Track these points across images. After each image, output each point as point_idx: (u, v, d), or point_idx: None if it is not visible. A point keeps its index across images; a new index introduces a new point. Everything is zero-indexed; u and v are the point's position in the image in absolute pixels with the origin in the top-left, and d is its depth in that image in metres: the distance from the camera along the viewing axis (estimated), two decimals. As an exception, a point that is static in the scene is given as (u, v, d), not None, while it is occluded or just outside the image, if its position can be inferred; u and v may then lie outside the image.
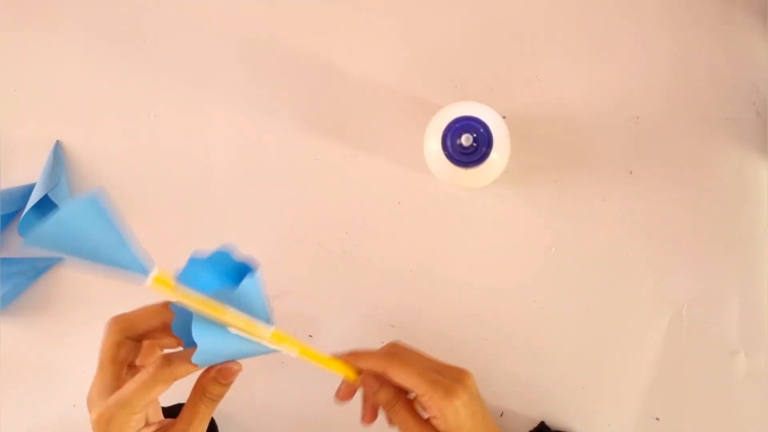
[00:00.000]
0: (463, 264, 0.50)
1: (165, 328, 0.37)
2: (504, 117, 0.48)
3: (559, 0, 0.49)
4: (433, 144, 0.43)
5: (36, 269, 0.51)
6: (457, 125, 0.41)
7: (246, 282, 0.32)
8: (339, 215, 0.50)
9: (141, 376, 0.34)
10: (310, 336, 0.50)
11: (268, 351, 0.35)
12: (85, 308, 0.51)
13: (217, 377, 0.35)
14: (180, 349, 0.36)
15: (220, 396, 0.36)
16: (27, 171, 0.51)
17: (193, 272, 0.33)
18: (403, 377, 0.39)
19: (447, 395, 0.39)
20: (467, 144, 0.41)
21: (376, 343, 0.50)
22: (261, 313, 0.35)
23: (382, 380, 0.40)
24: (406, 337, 0.50)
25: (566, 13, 0.49)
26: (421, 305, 0.50)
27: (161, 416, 0.37)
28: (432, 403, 0.39)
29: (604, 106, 0.49)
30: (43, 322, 0.51)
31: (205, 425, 0.36)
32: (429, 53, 0.50)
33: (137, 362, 0.38)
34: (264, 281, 0.34)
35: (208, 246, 0.34)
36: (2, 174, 0.51)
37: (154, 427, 0.36)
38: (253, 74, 0.51)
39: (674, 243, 0.49)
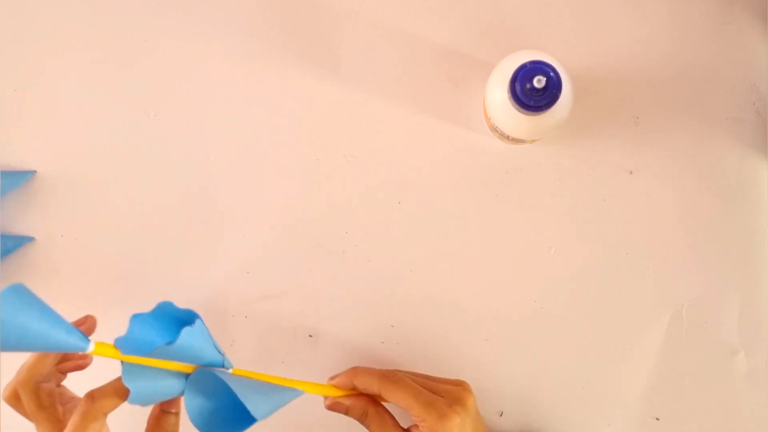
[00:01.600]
0: (463, 264, 0.50)
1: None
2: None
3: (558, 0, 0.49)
4: (498, 94, 0.42)
5: (5, 247, 0.50)
6: (528, 67, 0.40)
7: (184, 332, 0.33)
8: (339, 215, 0.50)
9: (72, 420, 0.36)
10: (310, 336, 0.50)
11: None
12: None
13: (164, 408, 0.38)
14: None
15: (176, 425, 0.38)
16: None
17: (134, 332, 0.35)
18: (397, 398, 0.41)
19: (440, 419, 0.39)
20: (540, 86, 0.39)
21: (375, 342, 0.50)
22: (212, 357, 0.36)
23: (349, 404, 0.42)
24: (406, 337, 0.50)
25: (564, 12, 0.49)
26: (421, 305, 0.50)
27: None
28: (425, 425, 0.40)
29: (604, 106, 0.49)
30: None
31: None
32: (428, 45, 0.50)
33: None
34: (206, 329, 0.36)
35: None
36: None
37: None
38: (252, 72, 0.51)
39: (674, 243, 0.49)
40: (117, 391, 0.36)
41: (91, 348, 0.31)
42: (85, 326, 0.44)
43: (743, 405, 0.48)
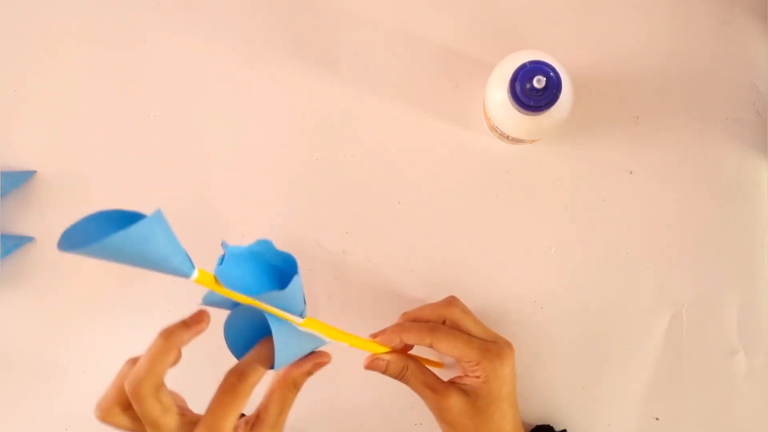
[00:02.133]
0: (462, 264, 0.50)
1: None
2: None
3: (560, 2, 0.49)
4: (498, 94, 0.42)
5: (5, 247, 0.50)
6: (528, 67, 0.40)
7: (296, 279, 0.32)
8: (339, 215, 0.50)
9: (219, 401, 0.33)
10: (310, 336, 0.50)
11: (323, 343, 0.37)
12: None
13: (312, 370, 0.37)
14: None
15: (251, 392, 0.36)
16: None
17: (231, 268, 0.32)
18: (450, 347, 0.42)
19: (495, 360, 0.41)
20: (539, 86, 0.40)
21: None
22: (300, 306, 0.35)
23: (388, 360, 0.42)
24: (406, 337, 0.50)
25: (565, 12, 0.49)
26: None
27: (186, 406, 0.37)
28: (480, 369, 0.41)
29: (604, 106, 0.49)
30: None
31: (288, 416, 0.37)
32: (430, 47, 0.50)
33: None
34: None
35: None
36: None
37: (243, 425, 0.35)
38: (252, 72, 0.51)
39: (674, 243, 0.49)
40: (261, 359, 0.34)
41: (195, 275, 0.29)
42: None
43: (743, 405, 0.48)
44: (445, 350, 0.42)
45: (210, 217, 0.51)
